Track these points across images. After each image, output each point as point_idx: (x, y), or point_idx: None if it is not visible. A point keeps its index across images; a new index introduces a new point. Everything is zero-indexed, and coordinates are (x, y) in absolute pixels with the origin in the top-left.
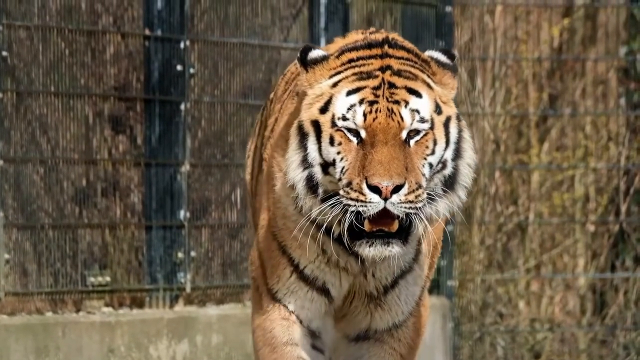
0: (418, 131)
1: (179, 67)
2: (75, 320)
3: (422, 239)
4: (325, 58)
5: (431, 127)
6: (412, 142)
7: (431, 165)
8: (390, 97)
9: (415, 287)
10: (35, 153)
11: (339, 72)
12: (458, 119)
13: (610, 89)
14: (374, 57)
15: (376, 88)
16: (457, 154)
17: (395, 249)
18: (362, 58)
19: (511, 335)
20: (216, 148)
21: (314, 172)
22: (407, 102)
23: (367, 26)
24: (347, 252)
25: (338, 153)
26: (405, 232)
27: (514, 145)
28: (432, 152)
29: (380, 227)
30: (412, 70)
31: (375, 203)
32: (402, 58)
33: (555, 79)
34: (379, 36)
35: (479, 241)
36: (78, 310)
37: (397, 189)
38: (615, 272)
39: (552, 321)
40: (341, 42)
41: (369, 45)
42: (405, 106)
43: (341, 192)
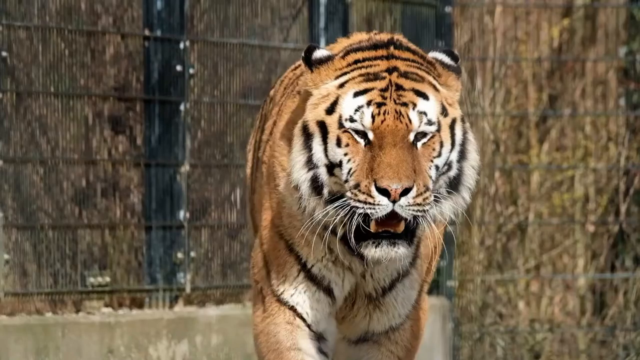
0: (425, 133)
1: (179, 68)
2: (74, 320)
3: (421, 243)
4: (330, 58)
5: (438, 130)
6: (420, 145)
7: (437, 167)
8: (398, 99)
9: (412, 291)
10: (35, 153)
11: (345, 73)
12: (463, 121)
13: (610, 90)
14: (380, 58)
15: (384, 90)
16: (462, 156)
17: (401, 250)
18: (368, 59)
19: (511, 335)
20: (216, 148)
21: (319, 173)
22: (415, 105)
23: (367, 26)
24: (352, 252)
25: (345, 154)
26: (410, 233)
27: (514, 145)
28: (439, 155)
29: (386, 228)
30: (419, 72)
31: (383, 205)
32: (408, 60)
33: (555, 80)
34: (384, 37)
35: (479, 241)
36: (78, 310)
37: (406, 192)
38: (615, 273)
39: (552, 321)
40: (345, 42)
41: (375, 46)
42: (413, 108)
43: (348, 194)
